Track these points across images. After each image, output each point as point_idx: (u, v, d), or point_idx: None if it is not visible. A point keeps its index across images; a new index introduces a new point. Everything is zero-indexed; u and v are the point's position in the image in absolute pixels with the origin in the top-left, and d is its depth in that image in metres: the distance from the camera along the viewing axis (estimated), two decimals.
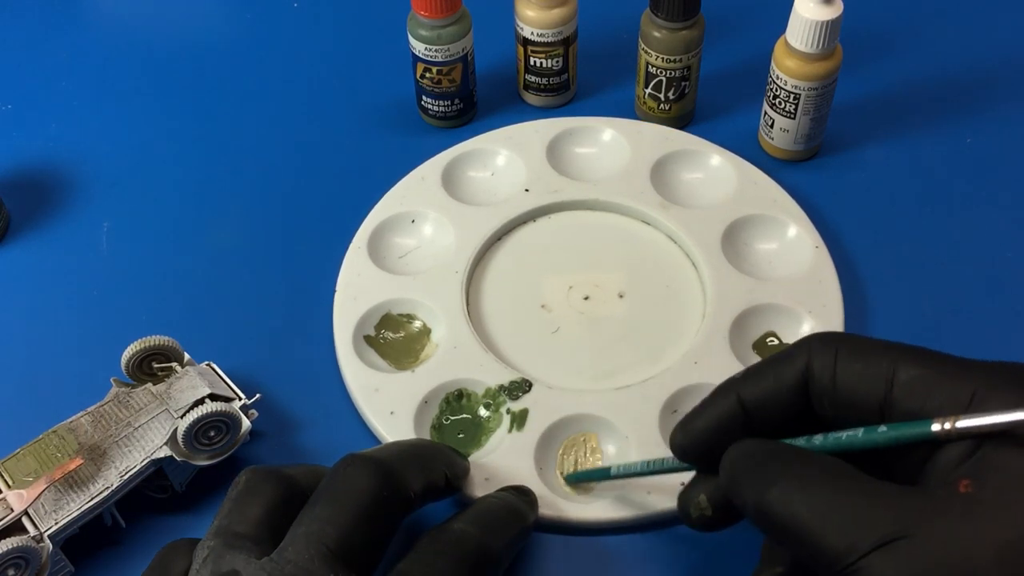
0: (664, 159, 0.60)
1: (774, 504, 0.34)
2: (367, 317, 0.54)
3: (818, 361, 0.37)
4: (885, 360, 0.36)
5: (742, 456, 0.37)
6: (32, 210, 0.62)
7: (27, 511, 0.44)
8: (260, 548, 0.38)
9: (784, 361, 0.38)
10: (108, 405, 0.48)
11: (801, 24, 0.56)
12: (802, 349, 0.38)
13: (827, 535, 0.33)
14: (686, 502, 0.40)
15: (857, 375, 0.37)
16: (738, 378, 0.39)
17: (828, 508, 0.33)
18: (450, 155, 0.61)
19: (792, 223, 0.57)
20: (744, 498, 0.36)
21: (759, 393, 0.38)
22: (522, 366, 0.52)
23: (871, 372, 0.36)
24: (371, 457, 0.40)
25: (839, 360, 0.37)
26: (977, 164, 0.62)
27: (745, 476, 0.36)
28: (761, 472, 0.36)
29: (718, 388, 0.40)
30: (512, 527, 0.43)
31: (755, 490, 0.35)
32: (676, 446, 0.40)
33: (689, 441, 0.40)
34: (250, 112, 0.67)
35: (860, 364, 0.37)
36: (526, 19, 0.62)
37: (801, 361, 0.38)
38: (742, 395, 0.39)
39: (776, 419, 0.38)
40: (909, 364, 0.36)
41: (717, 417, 0.39)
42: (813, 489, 0.34)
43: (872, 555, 0.32)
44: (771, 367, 0.39)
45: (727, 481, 0.37)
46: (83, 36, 0.73)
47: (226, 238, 0.60)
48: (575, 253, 0.58)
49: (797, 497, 0.34)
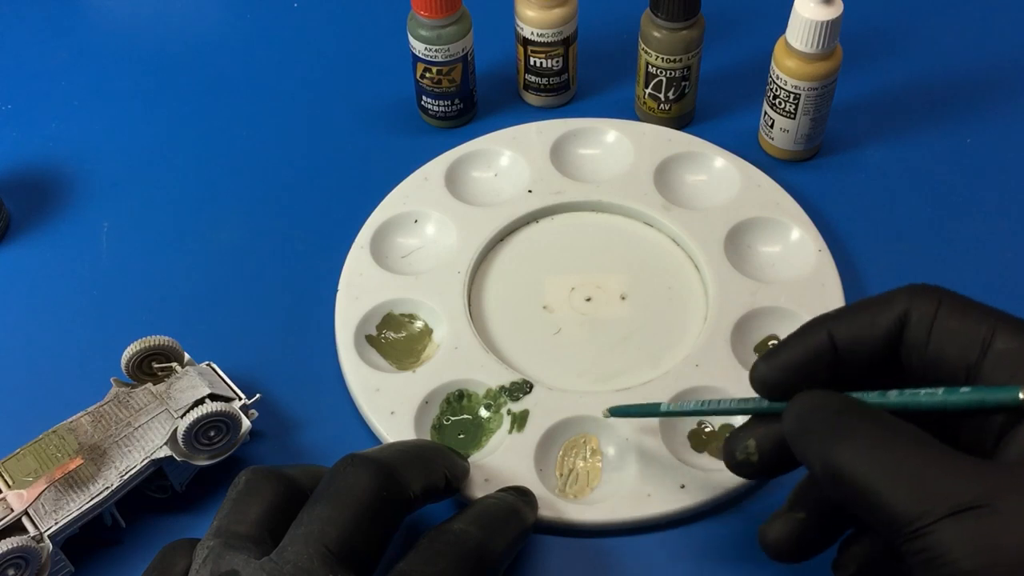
0: (667, 161, 0.60)
1: (843, 461, 0.34)
2: (369, 317, 0.54)
3: (917, 311, 0.37)
4: (986, 323, 0.35)
5: (810, 408, 0.36)
6: (32, 210, 0.62)
7: (27, 511, 0.44)
8: (260, 548, 0.38)
9: (882, 305, 0.38)
10: (108, 405, 0.48)
11: (801, 24, 0.56)
12: (902, 296, 0.37)
13: (898, 497, 0.32)
14: (734, 444, 0.40)
15: (953, 333, 0.36)
16: (832, 314, 0.38)
17: (901, 470, 0.33)
18: (453, 155, 0.61)
19: (795, 226, 0.57)
20: (809, 452, 0.35)
21: (852, 333, 0.38)
22: (523, 367, 0.52)
23: (968, 333, 0.36)
24: (371, 457, 0.40)
25: (939, 313, 0.36)
26: (977, 164, 0.62)
27: (812, 430, 0.36)
28: (831, 427, 0.35)
29: (809, 322, 0.39)
30: (512, 528, 0.43)
31: (823, 446, 0.35)
32: (757, 377, 0.39)
33: (772, 373, 0.39)
34: (250, 112, 0.67)
35: (958, 322, 0.36)
36: (526, 19, 0.62)
37: (900, 307, 0.37)
38: (834, 333, 0.38)
39: (864, 362, 0.38)
40: (1008, 332, 0.35)
41: (805, 352, 0.38)
42: (885, 449, 0.33)
43: (945, 521, 0.31)
44: (868, 309, 0.38)
45: (791, 432, 0.36)
46: (83, 36, 0.73)
47: (226, 238, 0.60)
48: (577, 254, 0.58)
49: (868, 456, 0.33)
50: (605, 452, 0.49)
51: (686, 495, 0.47)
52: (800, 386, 0.38)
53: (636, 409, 0.47)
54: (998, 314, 0.36)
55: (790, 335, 0.39)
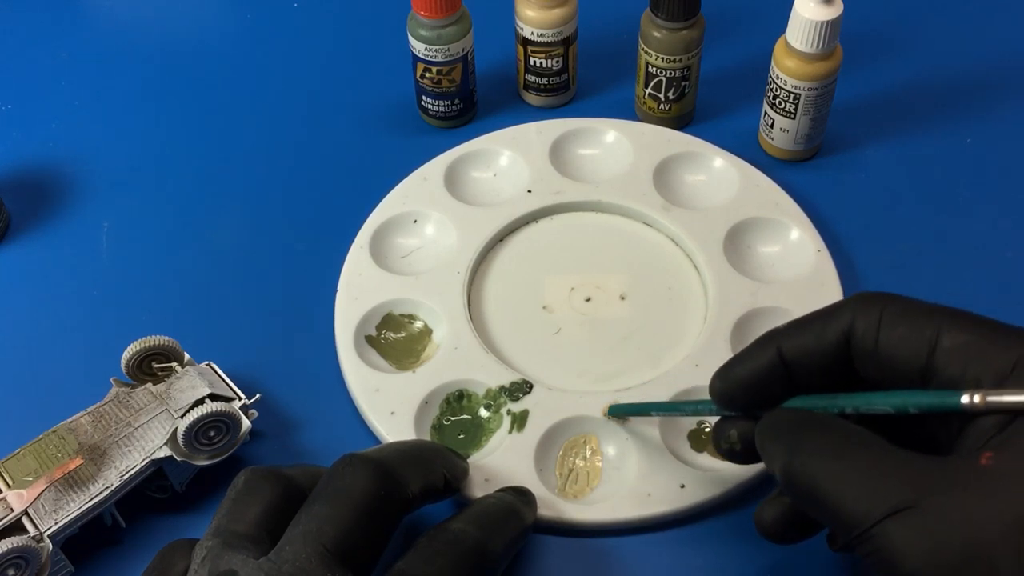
0: (667, 161, 0.60)
1: (797, 471, 0.35)
2: (368, 317, 0.54)
3: (861, 321, 0.37)
4: (930, 324, 0.36)
5: (773, 425, 0.38)
6: (32, 210, 0.62)
7: (27, 511, 0.44)
8: (258, 548, 0.38)
9: (827, 317, 0.38)
10: (108, 405, 0.48)
11: (801, 24, 0.56)
12: (846, 307, 0.38)
13: (844, 501, 0.33)
14: (719, 434, 0.41)
15: (900, 338, 0.36)
16: (781, 330, 0.39)
17: (846, 475, 0.34)
18: (452, 155, 0.61)
19: (795, 226, 0.57)
20: (774, 465, 0.37)
21: (800, 347, 0.38)
22: (523, 367, 0.52)
23: (914, 336, 0.36)
24: (370, 457, 0.40)
25: (883, 321, 0.37)
26: (977, 164, 0.62)
27: (773, 443, 0.37)
28: (787, 440, 0.36)
29: (760, 338, 0.40)
30: (511, 528, 0.43)
31: (783, 458, 0.36)
32: (715, 392, 0.41)
33: (727, 388, 0.40)
34: (250, 112, 0.67)
35: (903, 327, 0.36)
36: (526, 19, 0.62)
37: (845, 319, 0.38)
38: (783, 348, 0.39)
39: (816, 374, 0.38)
40: (954, 330, 0.35)
41: (756, 368, 0.39)
42: (834, 457, 0.34)
43: (885, 522, 0.32)
44: (814, 322, 0.39)
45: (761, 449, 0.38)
46: (83, 36, 0.73)
47: (226, 238, 0.60)
48: (577, 254, 0.58)
49: (820, 463, 0.35)
50: (605, 452, 0.49)
51: (686, 495, 0.47)
52: (755, 398, 0.39)
53: (628, 408, 0.48)
54: (943, 312, 0.36)
55: (742, 350, 0.40)
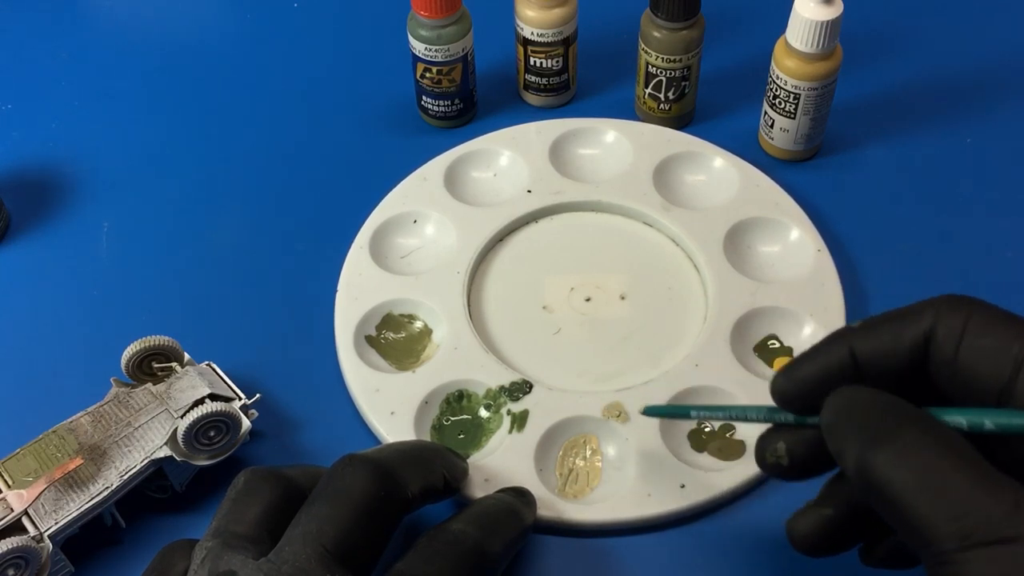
0: (667, 161, 0.60)
1: (880, 466, 0.32)
2: (368, 317, 0.54)
3: (944, 326, 0.35)
4: (1018, 341, 0.33)
5: (852, 404, 0.35)
6: (32, 210, 0.62)
7: (27, 511, 0.44)
8: (258, 548, 0.38)
9: (907, 319, 0.35)
10: (108, 405, 0.48)
11: (801, 24, 0.56)
12: (928, 308, 0.35)
13: (935, 517, 0.30)
14: (763, 446, 0.38)
15: (983, 351, 0.34)
16: (854, 328, 0.37)
17: (942, 488, 0.31)
18: (452, 155, 0.61)
19: (794, 226, 0.57)
20: (845, 450, 0.33)
21: (874, 348, 0.36)
22: (523, 367, 0.52)
23: (1000, 351, 0.33)
24: (369, 458, 0.40)
25: (967, 329, 0.34)
26: (977, 164, 0.62)
27: (852, 427, 0.34)
28: (872, 427, 0.33)
29: (831, 335, 0.37)
30: (510, 528, 0.43)
31: (861, 445, 0.33)
32: (777, 391, 0.37)
33: (792, 387, 0.37)
34: (250, 112, 0.67)
35: (989, 339, 0.34)
36: (526, 19, 0.62)
37: (926, 322, 0.35)
38: (855, 348, 0.36)
39: (888, 378, 0.36)
40: None
41: (826, 366, 0.36)
42: (928, 461, 0.31)
43: (979, 550, 0.30)
44: (892, 322, 0.36)
45: (829, 427, 0.35)
46: (83, 36, 0.73)
47: (226, 238, 0.60)
48: (577, 254, 0.58)
49: (909, 465, 0.31)
50: (605, 452, 0.49)
51: (686, 495, 0.47)
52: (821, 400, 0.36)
53: (666, 410, 0.46)
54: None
55: (811, 348, 0.37)
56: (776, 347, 0.53)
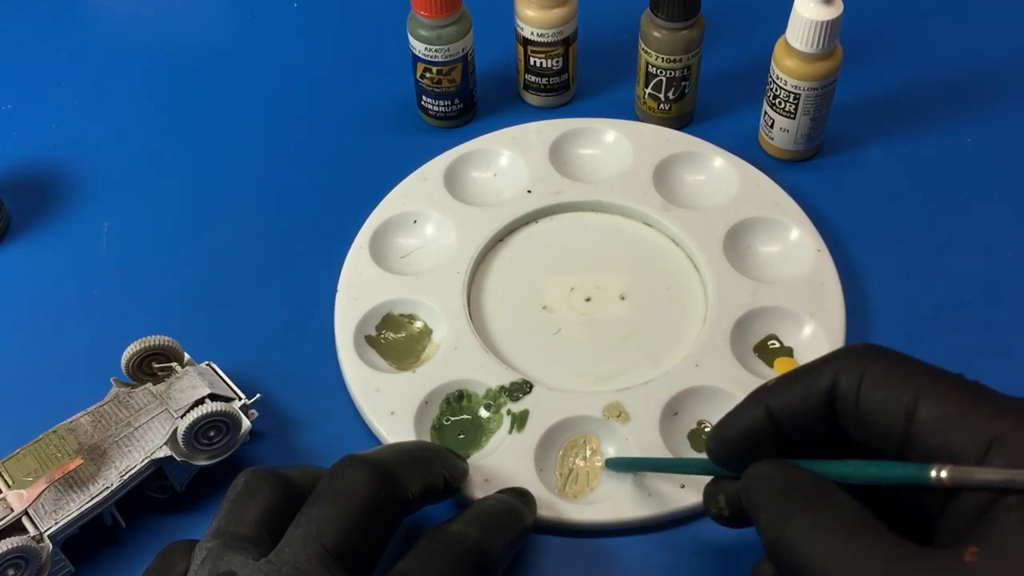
0: (667, 161, 0.60)
1: (787, 544, 0.34)
2: (368, 317, 0.54)
3: (844, 380, 0.36)
4: (909, 391, 0.34)
5: (759, 482, 0.37)
6: (32, 210, 0.62)
7: (27, 511, 0.44)
8: (258, 549, 0.38)
9: (813, 374, 0.37)
10: (108, 405, 0.48)
11: (801, 24, 0.56)
12: (830, 364, 0.37)
13: None
14: (707, 497, 0.40)
15: (878, 403, 0.35)
16: (769, 386, 0.38)
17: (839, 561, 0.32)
18: (452, 155, 0.61)
19: (794, 226, 0.57)
20: (759, 526, 0.36)
21: (788, 406, 0.37)
22: (523, 367, 0.52)
23: (892, 402, 0.35)
24: (369, 458, 0.40)
25: (864, 382, 0.35)
26: (977, 164, 0.62)
27: (761, 505, 0.36)
28: (777, 506, 0.35)
29: (749, 396, 0.39)
30: (510, 529, 0.43)
31: (771, 523, 0.35)
32: (710, 453, 0.40)
33: (721, 450, 0.39)
34: (250, 112, 0.67)
35: (882, 392, 0.35)
36: (526, 19, 0.62)
37: (828, 376, 0.36)
38: (771, 406, 0.38)
39: (805, 432, 0.37)
40: (932, 400, 0.34)
41: (745, 428, 0.38)
42: (827, 535, 0.33)
43: None
44: (801, 378, 0.37)
45: (745, 504, 0.37)
46: (83, 36, 0.73)
47: (226, 238, 0.60)
48: (577, 254, 0.58)
49: (810, 541, 0.33)
50: (605, 452, 0.49)
51: (686, 495, 0.47)
52: (748, 456, 0.38)
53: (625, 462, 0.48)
54: (925, 377, 0.35)
55: (733, 409, 0.39)
56: (776, 347, 0.53)
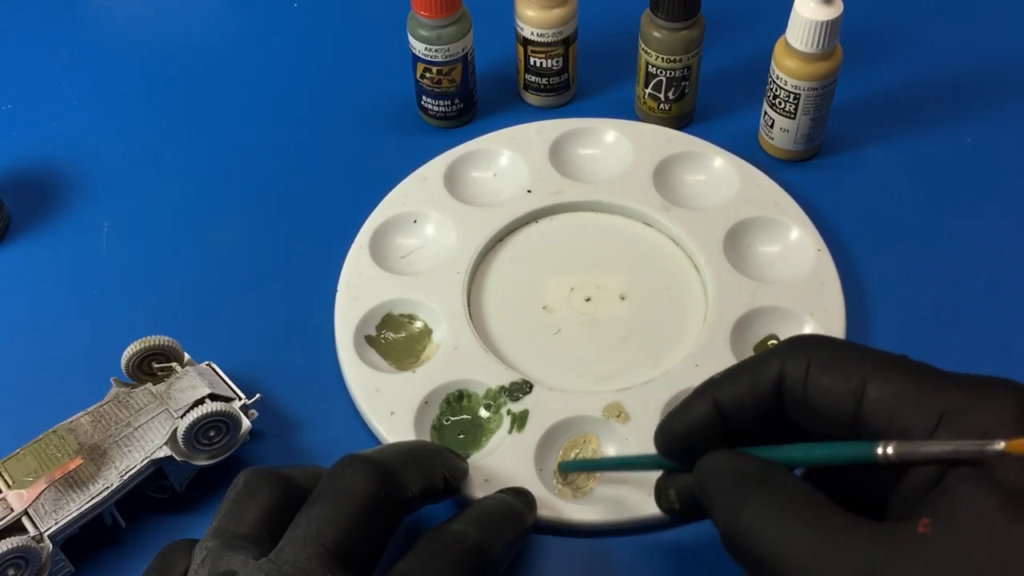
0: (667, 161, 0.60)
1: (741, 532, 0.34)
2: (368, 317, 0.54)
3: (790, 370, 0.37)
4: (856, 375, 0.35)
5: (711, 473, 0.37)
6: (32, 210, 0.62)
7: (27, 511, 0.44)
8: (258, 549, 0.38)
9: (759, 366, 0.38)
10: (108, 405, 0.48)
11: (801, 24, 0.56)
12: (776, 355, 0.37)
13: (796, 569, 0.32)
14: (658, 492, 0.41)
15: (826, 388, 0.35)
16: (716, 379, 0.39)
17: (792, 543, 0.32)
18: (452, 155, 0.61)
19: (794, 226, 0.57)
20: (714, 517, 0.36)
21: (734, 397, 0.38)
22: (523, 367, 0.52)
23: (840, 386, 0.35)
24: (369, 458, 0.40)
25: (810, 371, 0.36)
26: (977, 164, 0.62)
27: (714, 495, 0.36)
28: (729, 495, 0.35)
29: (696, 389, 0.39)
30: (510, 529, 0.43)
31: (724, 513, 0.35)
32: (658, 447, 0.40)
33: (669, 443, 0.40)
34: (250, 112, 0.67)
35: (829, 377, 0.35)
36: (526, 19, 0.62)
37: (775, 368, 0.37)
38: (718, 399, 0.38)
39: (753, 423, 0.38)
40: (880, 380, 0.34)
41: (693, 421, 0.39)
42: (779, 519, 0.33)
43: None
44: (746, 371, 0.38)
45: (699, 495, 0.37)
46: (83, 36, 0.73)
47: (226, 238, 0.60)
48: (577, 254, 0.58)
49: (763, 527, 0.33)
50: (605, 452, 0.49)
51: None
52: (695, 451, 0.38)
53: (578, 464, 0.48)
54: (872, 359, 0.35)
55: (683, 401, 0.39)
56: None
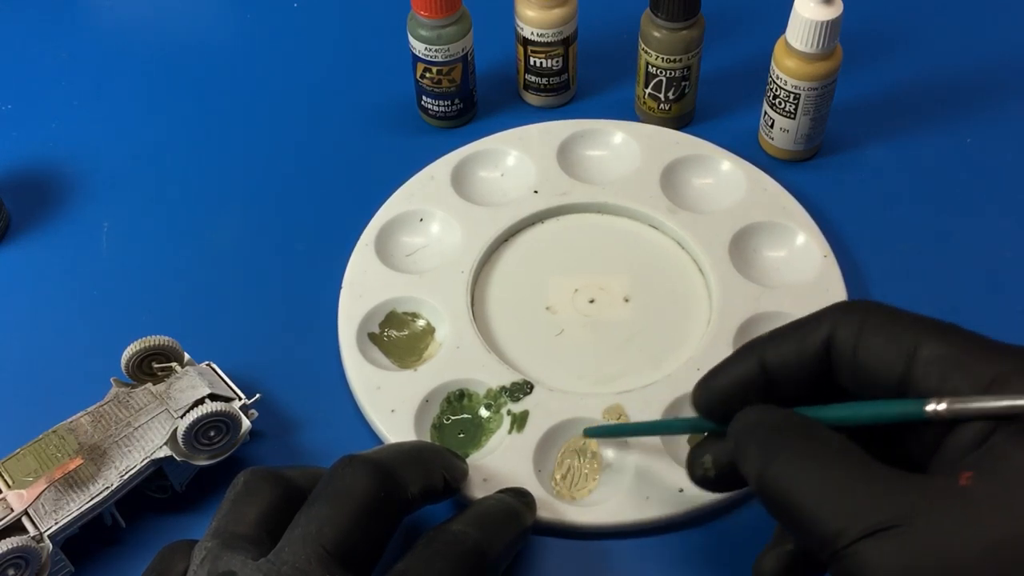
0: (674, 164, 0.60)
1: (773, 479, 0.34)
2: (372, 314, 0.54)
3: (841, 331, 0.37)
4: (908, 335, 0.35)
5: (748, 426, 0.37)
6: (32, 210, 0.62)
7: (27, 511, 0.44)
8: (258, 549, 0.38)
9: (808, 326, 0.37)
10: (108, 405, 0.48)
11: (801, 24, 0.56)
12: (826, 316, 0.37)
13: (820, 517, 0.32)
14: (692, 460, 0.40)
15: (878, 348, 0.36)
16: (763, 339, 0.39)
17: (824, 489, 0.33)
18: (460, 155, 0.61)
19: (801, 231, 0.57)
20: (746, 468, 0.36)
21: (781, 357, 0.38)
22: (524, 368, 0.52)
23: (892, 347, 0.35)
24: (369, 458, 0.40)
25: (862, 332, 0.36)
26: (977, 164, 0.62)
27: (749, 447, 0.36)
28: (764, 444, 0.35)
29: (742, 347, 0.39)
30: (510, 529, 0.43)
31: (757, 463, 0.35)
32: (695, 402, 0.40)
33: (708, 399, 0.39)
34: (250, 111, 0.67)
35: (882, 337, 0.36)
36: (526, 19, 0.62)
37: (825, 329, 0.37)
38: (764, 357, 0.38)
39: (797, 385, 0.38)
40: (933, 342, 0.35)
41: (737, 377, 0.38)
42: (812, 467, 0.33)
43: (862, 542, 0.31)
44: (795, 331, 0.38)
45: (733, 449, 0.37)
46: (83, 36, 0.73)
47: (227, 238, 0.60)
48: (582, 256, 0.57)
49: (795, 474, 0.33)
50: (604, 454, 0.49)
51: (685, 498, 0.47)
52: (736, 407, 0.38)
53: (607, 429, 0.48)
54: (926, 323, 0.35)
55: (724, 359, 0.39)
56: None
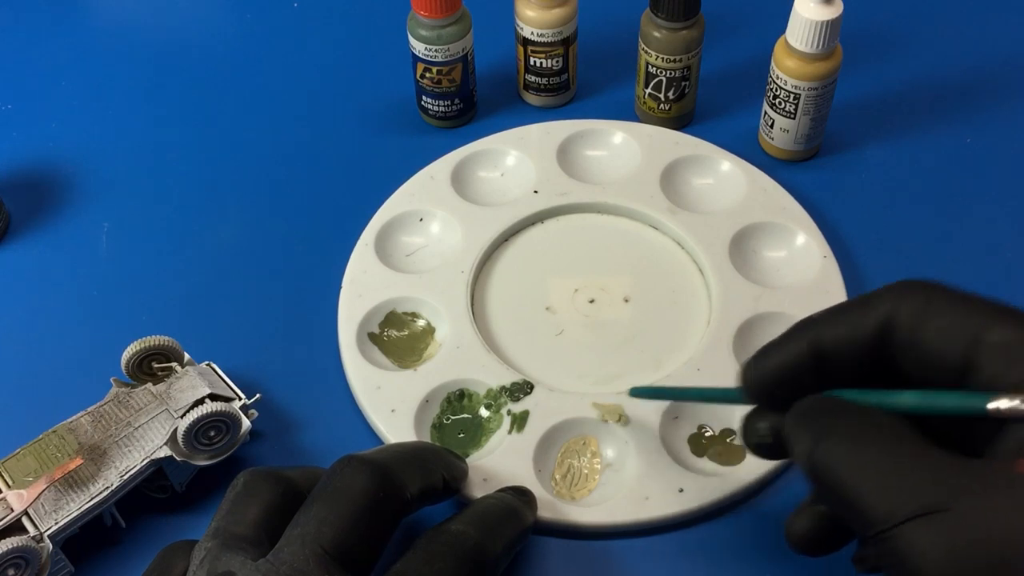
0: (674, 164, 0.60)
1: (822, 460, 0.33)
2: (372, 314, 0.54)
3: (904, 310, 0.35)
4: (975, 317, 0.33)
5: (803, 409, 0.36)
6: (32, 210, 0.62)
7: (27, 511, 0.44)
8: (257, 549, 0.38)
9: (866, 306, 0.36)
10: (108, 405, 0.48)
11: (801, 24, 0.56)
12: (887, 295, 0.36)
13: (867, 497, 0.31)
14: (747, 427, 0.39)
15: (943, 331, 0.34)
16: (816, 318, 0.37)
17: (872, 469, 0.32)
18: (460, 154, 0.61)
19: (801, 232, 0.57)
20: (797, 450, 0.35)
21: (836, 338, 0.36)
22: (524, 368, 0.52)
23: (958, 328, 0.34)
24: (368, 458, 0.40)
25: (927, 311, 0.34)
26: (977, 164, 0.62)
27: (799, 430, 0.35)
28: (814, 427, 0.34)
29: (795, 326, 0.38)
30: (510, 528, 0.43)
31: (806, 444, 0.34)
32: (745, 381, 0.39)
33: (758, 378, 0.38)
34: (250, 111, 0.67)
35: (947, 318, 0.34)
36: (526, 19, 0.62)
37: (884, 308, 0.35)
38: (817, 338, 0.37)
39: (852, 364, 0.36)
40: (1001, 325, 0.33)
41: (788, 359, 0.37)
42: (860, 447, 0.33)
43: (909, 524, 0.30)
44: (852, 310, 0.36)
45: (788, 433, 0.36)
46: (83, 36, 0.73)
47: (227, 238, 0.60)
48: (582, 256, 0.57)
49: (845, 454, 0.33)
50: (604, 454, 0.49)
51: (685, 499, 0.47)
52: (785, 390, 0.37)
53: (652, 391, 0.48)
54: (992, 305, 0.34)
55: (776, 339, 0.38)
56: None
